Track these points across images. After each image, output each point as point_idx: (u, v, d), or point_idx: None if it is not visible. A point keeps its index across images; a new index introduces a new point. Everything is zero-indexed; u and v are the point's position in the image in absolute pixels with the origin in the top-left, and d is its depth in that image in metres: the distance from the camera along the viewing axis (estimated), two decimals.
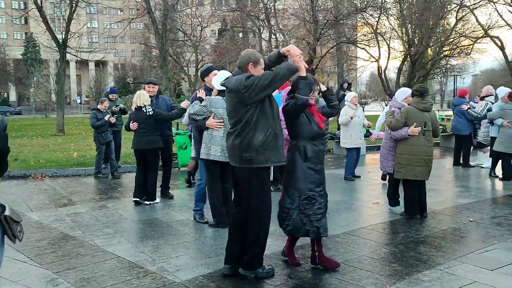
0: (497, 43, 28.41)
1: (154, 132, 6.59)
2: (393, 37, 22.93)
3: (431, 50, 24.24)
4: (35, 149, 13.11)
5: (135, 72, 53.97)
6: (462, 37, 23.05)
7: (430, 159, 5.68)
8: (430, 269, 4.07)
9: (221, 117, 5.28)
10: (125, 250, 4.66)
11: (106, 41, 53.05)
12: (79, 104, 55.49)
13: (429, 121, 5.67)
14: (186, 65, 41.35)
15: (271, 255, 4.47)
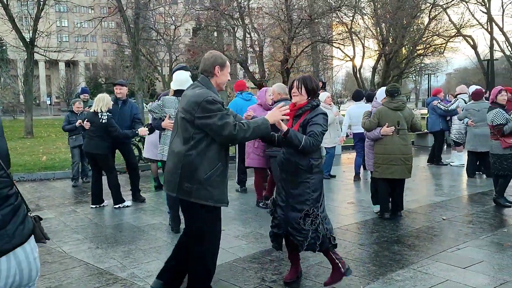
0: (470, 42, 29.16)
1: (103, 138, 6.49)
2: (367, 36, 23.27)
3: (405, 49, 24.68)
4: None
5: (107, 72, 53.11)
6: (435, 36, 23.56)
7: (407, 157, 5.73)
8: (404, 268, 4.13)
9: (174, 117, 5.26)
10: (94, 257, 4.57)
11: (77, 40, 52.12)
12: (49, 105, 54.25)
13: (403, 119, 5.72)
14: (159, 65, 40.92)
15: (245, 258, 4.44)
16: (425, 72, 40.03)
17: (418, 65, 31.27)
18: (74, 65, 56.52)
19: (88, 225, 5.82)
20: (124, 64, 46.02)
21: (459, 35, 25.97)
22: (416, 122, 5.90)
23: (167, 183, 3.25)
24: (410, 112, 5.84)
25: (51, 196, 7.69)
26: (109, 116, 6.46)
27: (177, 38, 36.29)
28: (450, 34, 24.84)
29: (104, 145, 6.53)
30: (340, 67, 27.33)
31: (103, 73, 55.28)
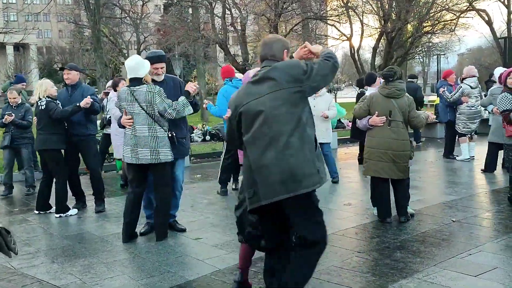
0: (484, 17, 29.50)
1: (50, 130, 6.45)
2: (366, 11, 23.36)
3: (410, 26, 24.84)
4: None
5: (63, 57, 52.63)
6: (445, 10, 23.73)
7: (397, 154, 5.66)
8: (407, 278, 4.19)
9: (129, 112, 5.33)
10: (49, 272, 4.55)
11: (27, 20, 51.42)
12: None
13: (397, 109, 5.65)
14: (125, 47, 40.61)
15: (225, 270, 4.47)
16: (434, 52, 40.43)
17: (426, 45, 31.52)
18: (24, 48, 55.76)
19: (42, 236, 5.80)
20: (83, 47, 45.55)
21: (471, 9, 26.24)
22: (415, 116, 5.73)
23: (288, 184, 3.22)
24: (408, 102, 5.71)
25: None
26: (48, 101, 6.41)
27: (145, 15, 36.04)
28: (461, 8, 25.07)
29: (52, 139, 6.46)
30: (336, 48, 27.45)
31: (59, 58, 54.72)
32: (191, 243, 5.36)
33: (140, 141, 5.26)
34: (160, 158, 5.27)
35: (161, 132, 5.29)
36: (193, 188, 8.38)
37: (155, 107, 5.21)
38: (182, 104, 5.32)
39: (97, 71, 23.23)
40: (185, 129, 5.77)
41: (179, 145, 5.54)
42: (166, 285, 4.16)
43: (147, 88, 5.24)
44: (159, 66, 5.51)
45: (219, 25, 20.00)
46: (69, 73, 6.72)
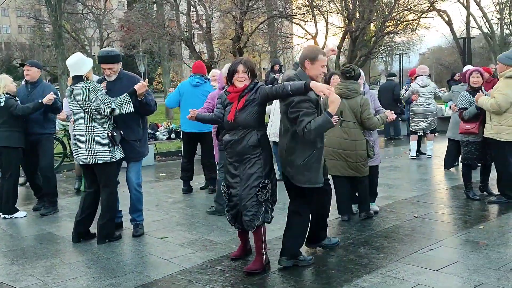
0: (444, 18, 30.19)
1: (9, 127, 6.28)
2: (331, 10, 23.59)
3: (373, 25, 25.22)
4: None
5: (23, 53, 51.22)
6: (407, 10, 24.19)
7: (347, 153, 5.71)
8: (371, 273, 4.27)
9: (71, 111, 5.27)
10: (8, 274, 4.44)
11: None
12: None
13: (348, 110, 5.63)
14: (87, 44, 39.86)
15: (192, 269, 4.45)
16: (396, 52, 41.16)
17: (388, 44, 32.08)
18: None
19: (1, 236, 5.64)
20: (44, 43, 44.48)
21: (432, 10, 26.80)
22: (367, 118, 5.66)
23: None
24: (362, 102, 5.66)
25: None
26: (7, 97, 6.25)
27: (108, 11, 35.48)
28: (422, 8, 25.60)
29: (12, 136, 6.28)
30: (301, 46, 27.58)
31: (18, 54, 53.26)
32: (157, 242, 5.31)
33: (79, 141, 5.17)
34: (96, 158, 5.11)
35: (99, 131, 5.12)
36: (158, 187, 8.30)
37: (91, 104, 5.08)
38: (120, 101, 5.07)
39: (59, 68, 22.77)
40: (139, 130, 5.48)
41: (130, 146, 5.37)
42: (131, 285, 4.12)
43: (83, 84, 5.11)
44: (106, 67, 5.31)
45: (184, 22, 19.85)
46: (29, 70, 6.54)
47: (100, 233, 5.26)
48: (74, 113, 5.23)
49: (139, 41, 25.57)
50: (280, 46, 26.64)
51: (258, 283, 4.12)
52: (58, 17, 22.00)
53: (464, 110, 6.71)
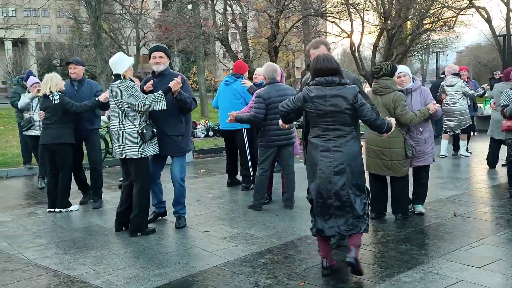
0: (483, 15, 29.58)
1: (63, 124, 6.51)
2: (367, 8, 23.39)
3: (410, 23, 24.93)
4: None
5: (62, 53, 52.58)
6: (445, 8, 23.81)
7: (382, 150, 5.67)
8: (412, 269, 4.31)
9: (112, 107, 5.55)
10: (62, 263, 4.66)
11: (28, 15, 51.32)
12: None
13: (381, 106, 5.56)
14: (125, 43, 40.68)
15: (235, 261, 4.59)
16: (433, 49, 40.44)
17: (425, 42, 31.58)
18: (23, 44, 55.63)
19: (52, 228, 5.90)
20: (82, 42, 45.57)
21: (471, 6, 26.30)
22: (401, 113, 5.54)
23: None
24: (395, 98, 5.59)
25: (5, 196, 7.74)
26: (61, 95, 6.47)
27: (145, 11, 36.10)
28: (461, 5, 25.15)
29: (66, 133, 6.51)
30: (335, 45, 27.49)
31: (58, 54, 54.61)
32: (200, 235, 5.47)
33: (113, 136, 5.48)
34: (126, 153, 5.37)
35: (130, 128, 5.35)
36: (197, 183, 8.48)
37: (123, 102, 5.33)
38: (154, 98, 5.31)
39: (98, 67, 23.27)
40: (181, 126, 5.69)
41: (172, 142, 5.60)
42: (179, 275, 4.28)
43: (119, 83, 5.37)
44: (157, 55, 5.61)
45: (220, 22, 20.02)
46: (75, 68, 6.79)
47: (131, 226, 5.48)
48: (111, 109, 5.54)
49: (175, 41, 25.96)
50: None
51: (301, 275, 4.22)
52: (97, 18, 22.52)
53: (504, 107, 6.65)
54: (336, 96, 4.08)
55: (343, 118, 4.11)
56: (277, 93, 6.28)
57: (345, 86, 4.12)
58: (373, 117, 4.20)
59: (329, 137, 4.13)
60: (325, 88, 4.11)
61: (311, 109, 4.14)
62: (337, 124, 4.11)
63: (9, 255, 4.93)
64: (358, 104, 4.10)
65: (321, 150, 4.14)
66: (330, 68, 4.12)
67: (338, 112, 4.08)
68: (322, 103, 4.08)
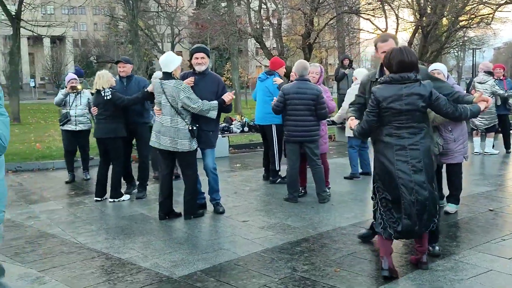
0: None
1: (115, 119, 6.87)
2: (402, 5, 23.30)
3: (446, 20, 24.68)
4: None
5: (99, 49, 53.75)
6: (482, 4, 23.50)
7: None
8: (444, 258, 4.51)
9: (158, 102, 5.96)
10: (112, 247, 5.03)
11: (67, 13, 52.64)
12: (33, 88, 55.08)
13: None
14: (160, 40, 41.39)
15: (273, 249, 4.86)
16: (469, 46, 39.80)
17: (461, 39, 31.16)
18: (61, 41, 57.11)
19: (101, 216, 6.30)
20: (118, 39, 46.52)
21: (509, 2, 25.87)
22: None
23: None
24: None
25: (54, 187, 8.19)
26: (112, 91, 6.81)
27: (179, 9, 36.66)
28: (498, 1, 24.78)
29: (118, 127, 6.89)
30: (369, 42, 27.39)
31: (95, 50, 55.74)
32: (239, 225, 5.77)
33: (163, 130, 5.86)
34: (177, 147, 5.82)
35: (182, 125, 5.80)
36: (234, 177, 8.79)
37: (178, 102, 5.75)
38: (209, 107, 5.84)
39: (135, 64, 23.84)
40: (214, 123, 6.17)
41: (205, 136, 6.06)
42: (221, 260, 4.59)
43: (175, 83, 5.79)
44: (199, 56, 6.05)
45: (254, 19, 20.32)
46: (124, 66, 7.18)
47: (186, 210, 6.00)
48: (162, 104, 5.89)
49: (208, 38, 26.39)
50: (348, 41, 26.58)
51: (337, 262, 4.46)
52: (135, 15, 23.07)
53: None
54: (412, 94, 3.94)
55: (417, 115, 4.01)
56: (296, 90, 6.56)
57: (420, 83, 3.98)
58: (450, 109, 4.08)
59: (404, 135, 4.01)
60: (400, 86, 3.96)
61: (385, 108, 3.99)
62: (411, 121, 4.00)
63: (64, 240, 5.32)
64: (433, 100, 4.00)
65: (396, 149, 4.01)
66: (411, 62, 3.96)
67: (413, 111, 3.96)
68: (398, 103, 3.94)
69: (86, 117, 8.52)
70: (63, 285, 4.11)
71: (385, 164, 4.07)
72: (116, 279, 4.19)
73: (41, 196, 7.46)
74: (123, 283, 4.11)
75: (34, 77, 61.26)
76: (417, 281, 4.07)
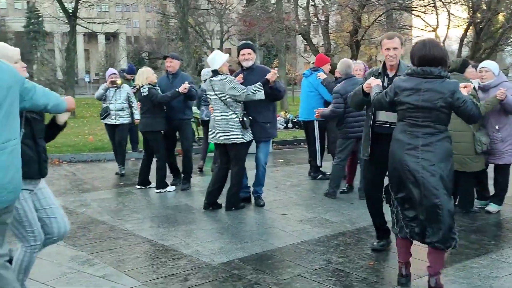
0: None
1: (152, 114, 7.15)
2: (453, 1, 22.76)
3: (503, 16, 23.93)
4: None
5: (151, 46, 54.97)
6: None
7: (455, 145, 5.51)
8: (480, 256, 4.52)
9: (210, 99, 6.26)
10: (157, 235, 5.30)
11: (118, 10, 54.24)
12: (87, 83, 56.96)
13: None
14: (209, 37, 41.90)
15: (310, 241, 5.00)
16: None
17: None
18: (114, 38, 58.79)
19: (147, 205, 6.62)
20: (169, 36, 47.41)
21: None
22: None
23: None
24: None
25: (105, 177, 8.61)
26: (149, 87, 7.10)
27: (229, 6, 37.00)
28: None
29: (153, 122, 7.18)
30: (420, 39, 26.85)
31: (147, 47, 57.06)
32: (278, 217, 5.93)
33: (216, 124, 6.12)
34: (230, 139, 6.03)
35: (233, 117, 6.01)
36: (276, 172, 8.95)
37: (226, 95, 5.96)
38: (253, 89, 5.93)
39: (184, 61, 24.34)
40: (269, 114, 6.31)
41: (260, 128, 6.20)
42: (259, 250, 4.77)
43: (220, 78, 6.03)
44: (245, 52, 6.23)
45: (302, 16, 20.35)
46: (171, 62, 7.46)
47: (228, 201, 6.21)
48: (212, 101, 6.21)
49: (256, 35, 26.61)
50: None
51: (372, 256, 4.56)
52: (185, 13, 23.55)
53: None
54: (432, 90, 3.66)
55: (437, 115, 3.69)
56: (352, 87, 6.58)
57: (444, 80, 3.68)
58: (476, 113, 3.78)
59: (417, 134, 3.72)
60: (421, 80, 3.71)
61: (401, 102, 3.78)
62: (428, 121, 3.69)
63: (112, 226, 5.65)
64: (457, 102, 3.65)
65: (407, 148, 3.73)
66: (436, 57, 3.69)
67: (431, 109, 3.66)
68: (415, 97, 3.69)
69: (126, 111, 8.67)
70: (110, 267, 4.40)
71: (396, 163, 3.81)
72: (159, 264, 4.45)
73: (92, 186, 7.87)
74: (165, 267, 4.36)
75: (89, 73, 63.33)
76: (450, 277, 4.11)
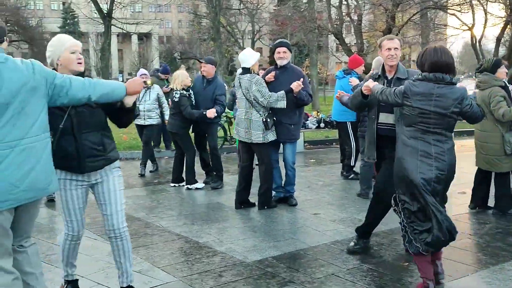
0: None
1: (180, 117, 7.30)
2: (490, 0, 22.30)
3: None
4: None
5: (183, 46, 55.54)
6: None
7: (481, 145, 5.83)
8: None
9: (237, 96, 6.35)
10: (191, 232, 5.39)
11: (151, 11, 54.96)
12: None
13: (480, 101, 5.52)
14: (241, 37, 42.11)
15: (343, 241, 5.01)
16: None
17: None
18: (147, 38, 59.63)
19: (181, 203, 6.73)
20: (201, 36, 47.82)
21: None
22: (493, 108, 5.51)
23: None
24: (490, 94, 5.55)
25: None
26: (182, 94, 7.20)
27: (261, 6, 37.12)
28: None
29: (179, 124, 7.39)
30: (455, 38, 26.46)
31: (179, 47, 57.65)
32: (310, 217, 5.95)
33: (239, 122, 6.20)
34: (251, 138, 6.06)
35: (256, 116, 6.03)
36: (308, 171, 8.96)
37: (251, 94, 6.00)
38: (276, 97, 5.94)
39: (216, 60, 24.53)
40: (294, 116, 6.31)
41: (285, 129, 6.22)
42: (291, 248, 4.80)
43: (249, 77, 6.06)
44: (281, 50, 6.25)
45: (335, 15, 20.29)
46: (205, 66, 7.44)
47: (260, 200, 6.25)
48: (238, 98, 6.29)
49: (288, 35, 26.61)
50: (433, 37, 25.80)
51: (406, 256, 4.53)
52: (217, 13, 23.73)
53: None
54: (443, 96, 3.66)
55: (448, 122, 3.73)
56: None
57: (453, 86, 3.72)
58: (480, 114, 3.93)
59: (430, 140, 3.71)
60: (433, 85, 3.68)
61: (412, 106, 3.71)
62: (439, 127, 3.71)
63: (147, 223, 5.77)
64: (466, 108, 3.74)
65: (420, 154, 3.70)
66: (448, 64, 3.69)
67: (443, 116, 3.68)
68: (427, 102, 3.66)
69: (155, 112, 8.67)
70: (146, 262, 4.50)
71: (408, 171, 3.73)
72: (194, 260, 4.53)
73: (127, 183, 8.03)
74: (200, 264, 4.44)
75: (122, 72, 64.43)
76: (486, 278, 4.07)
